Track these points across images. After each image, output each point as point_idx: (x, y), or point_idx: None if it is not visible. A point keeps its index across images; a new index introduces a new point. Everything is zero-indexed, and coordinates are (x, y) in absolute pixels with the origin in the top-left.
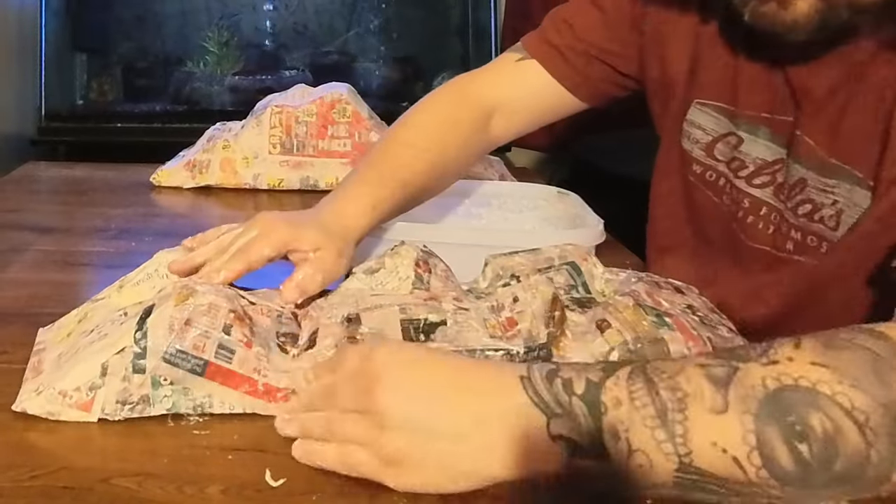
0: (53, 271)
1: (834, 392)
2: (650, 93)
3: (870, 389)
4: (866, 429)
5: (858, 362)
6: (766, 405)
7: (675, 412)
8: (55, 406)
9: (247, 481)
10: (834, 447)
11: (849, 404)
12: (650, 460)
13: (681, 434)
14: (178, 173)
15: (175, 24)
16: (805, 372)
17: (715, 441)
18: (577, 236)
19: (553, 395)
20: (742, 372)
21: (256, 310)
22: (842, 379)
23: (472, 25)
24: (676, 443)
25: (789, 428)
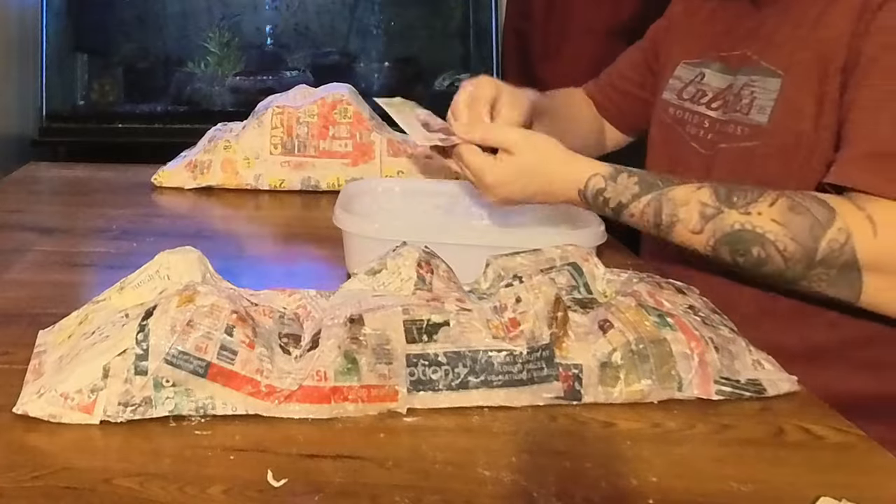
0: (55, 272)
1: (776, 239)
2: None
3: (801, 241)
4: (789, 261)
5: (803, 224)
6: (727, 236)
7: (665, 227)
8: (56, 408)
9: (248, 481)
10: (762, 263)
11: (783, 247)
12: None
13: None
14: (179, 174)
15: (176, 25)
16: (764, 224)
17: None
18: (579, 237)
19: (595, 203)
20: (724, 214)
21: (259, 311)
22: (786, 232)
23: (473, 26)
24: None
25: (735, 251)
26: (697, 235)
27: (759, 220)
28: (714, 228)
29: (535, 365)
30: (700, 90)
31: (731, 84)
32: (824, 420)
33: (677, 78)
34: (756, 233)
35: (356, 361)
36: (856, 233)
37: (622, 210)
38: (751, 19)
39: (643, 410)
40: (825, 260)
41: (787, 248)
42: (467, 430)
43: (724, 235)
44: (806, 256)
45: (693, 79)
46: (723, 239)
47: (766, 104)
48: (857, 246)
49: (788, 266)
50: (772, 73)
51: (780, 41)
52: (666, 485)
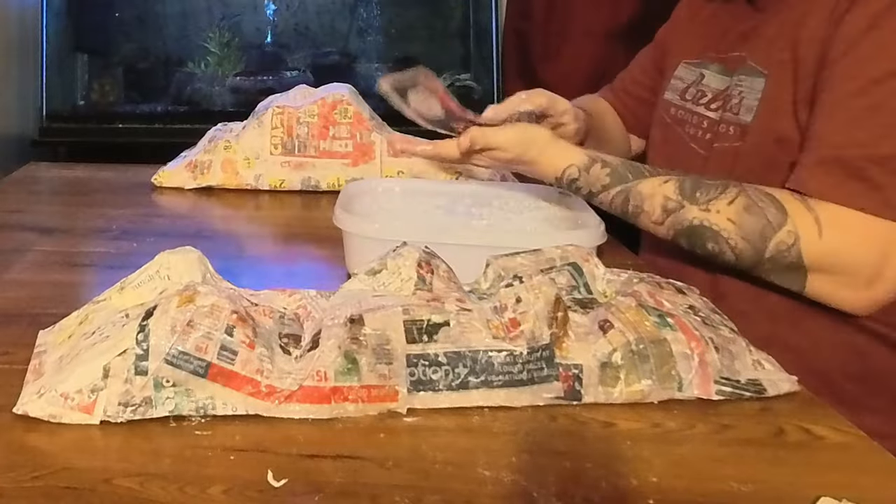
0: (55, 272)
1: (729, 237)
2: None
3: (751, 241)
4: (739, 258)
5: (755, 226)
6: (685, 230)
7: (631, 216)
8: (57, 408)
9: (249, 482)
10: (715, 256)
11: (734, 244)
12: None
13: (631, 220)
14: (179, 174)
15: (176, 25)
16: (720, 222)
17: (649, 229)
18: (579, 237)
19: (570, 189)
20: (685, 209)
21: (259, 311)
22: (738, 231)
23: (473, 27)
24: (628, 219)
25: (692, 243)
26: (658, 226)
27: (715, 217)
28: (674, 222)
29: (535, 365)
30: (700, 91)
31: (728, 85)
32: (824, 420)
33: (679, 78)
34: (711, 230)
35: (356, 361)
36: (803, 235)
37: (593, 198)
38: (748, 21)
39: (643, 410)
40: (773, 258)
41: (738, 246)
42: (467, 431)
43: (683, 229)
44: (755, 254)
45: (694, 80)
46: (681, 231)
47: (752, 104)
48: (804, 248)
49: (738, 261)
50: (758, 73)
51: (768, 42)
52: (666, 485)
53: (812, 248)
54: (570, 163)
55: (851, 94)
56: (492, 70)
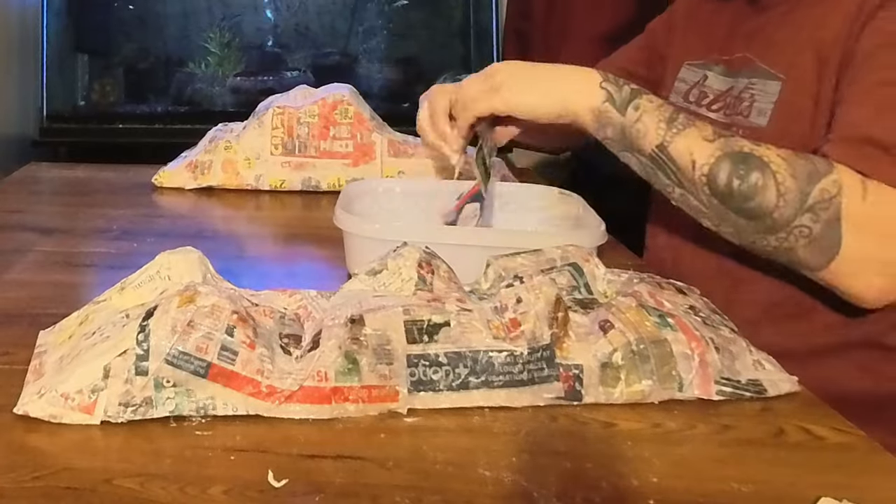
0: (55, 272)
1: (777, 170)
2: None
3: (799, 180)
4: (782, 197)
5: (805, 166)
6: (734, 154)
7: (679, 125)
8: (57, 409)
9: (249, 482)
10: (756, 192)
11: (781, 179)
12: (646, 131)
13: (674, 133)
14: (179, 174)
15: (177, 25)
16: (770, 154)
17: (690, 148)
18: (579, 237)
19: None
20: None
21: (259, 311)
22: (787, 167)
23: (473, 27)
24: (668, 134)
25: (736, 169)
26: (707, 143)
27: (766, 151)
28: (725, 143)
29: (535, 365)
30: (702, 92)
31: (732, 87)
32: (825, 420)
33: (682, 80)
34: (762, 160)
35: (357, 362)
36: (847, 189)
37: (640, 94)
38: (751, 21)
39: (644, 411)
40: (814, 207)
41: (785, 182)
42: (468, 431)
43: (732, 152)
44: (799, 197)
45: (697, 81)
46: (729, 154)
47: (766, 107)
48: (845, 202)
49: (779, 203)
50: (772, 76)
51: (781, 44)
52: (666, 485)
53: (855, 206)
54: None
55: (884, 83)
56: None
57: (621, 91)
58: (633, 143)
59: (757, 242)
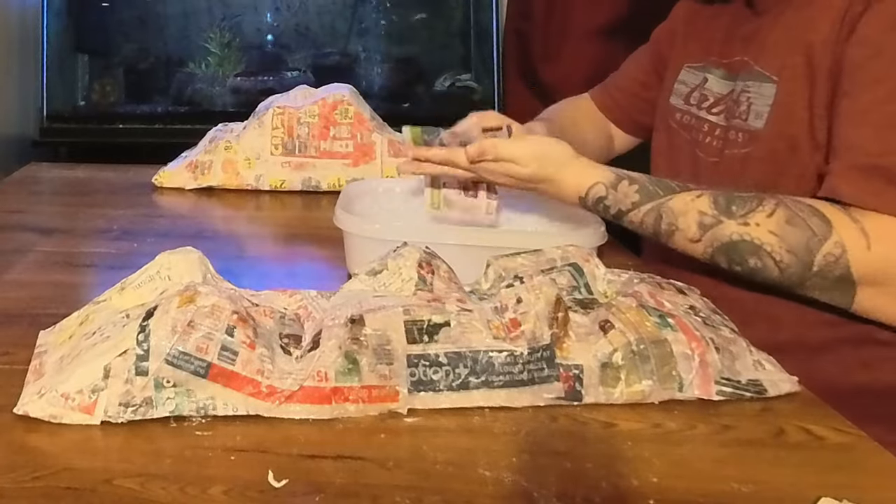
0: (55, 272)
1: (772, 251)
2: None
3: (797, 254)
4: (783, 272)
5: (801, 238)
6: (724, 246)
7: (664, 235)
8: (57, 409)
9: (249, 482)
10: (758, 273)
11: (779, 258)
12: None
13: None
14: (180, 174)
15: (177, 26)
16: (761, 235)
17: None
18: (579, 237)
19: (596, 209)
20: (722, 224)
21: (259, 311)
22: (782, 244)
23: (474, 27)
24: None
25: (732, 260)
26: (695, 244)
27: (756, 231)
28: (712, 238)
29: (535, 365)
30: (703, 95)
31: (732, 90)
32: (825, 421)
33: (682, 82)
34: (753, 244)
35: (357, 362)
36: (850, 247)
37: (622, 217)
38: (748, 24)
39: (644, 411)
40: (820, 272)
41: (784, 260)
42: (468, 431)
43: (722, 245)
44: (802, 268)
45: (698, 84)
46: (720, 248)
47: (763, 110)
48: (852, 259)
49: (784, 276)
50: (766, 79)
51: (773, 46)
52: (666, 485)
53: (861, 261)
54: (595, 181)
55: (880, 101)
56: (492, 71)
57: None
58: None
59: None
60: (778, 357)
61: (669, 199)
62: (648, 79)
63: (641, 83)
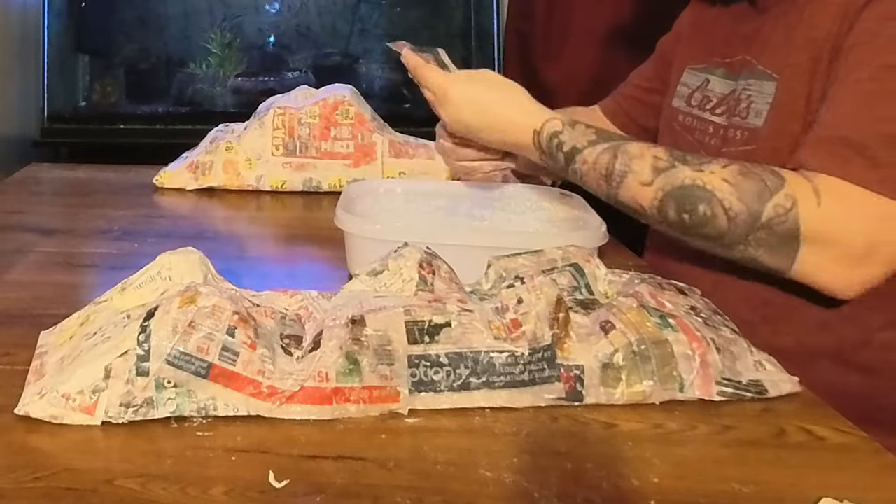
0: (56, 273)
1: (723, 197)
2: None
3: (749, 204)
4: (732, 221)
5: (752, 187)
6: (677, 189)
7: (618, 177)
8: (58, 409)
9: (250, 482)
10: (707, 221)
11: (728, 205)
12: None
13: (615, 187)
14: (180, 175)
15: (178, 26)
16: (714, 182)
17: (634, 197)
18: (580, 238)
19: (549, 146)
20: (677, 169)
21: (260, 311)
22: (733, 192)
23: (475, 28)
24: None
25: (682, 206)
26: (647, 188)
27: (710, 178)
28: (665, 182)
29: (536, 366)
30: (706, 96)
31: (734, 89)
32: (826, 421)
33: (684, 84)
34: (706, 189)
35: (358, 362)
36: (801, 200)
37: (575, 156)
38: (750, 23)
39: (645, 411)
40: (768, 224)
41: (733, 208)
42: (469, 431)
43: (674, 189)
44: (750, 218)
45: (699, 85)
46: (672, 193)
47: (762, 108)
48: (801, 213)
49: (731, 227)
50: (767, 77)
51: (776, 44)
52: (667, 486)
53: (810, 215)
54: (550, 116)
55: (861, 80)
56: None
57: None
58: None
59: (723, 254)
60: (775, 357)
61: (626, 143)
62: (652, 84)
63: (646, 89)
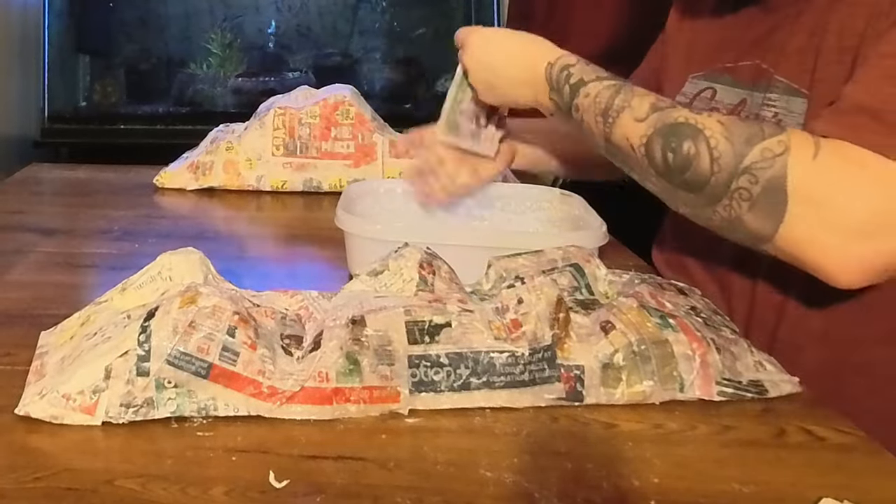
0: (56, 273)
1: (710, 135)
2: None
3: (735, 143)
4: (715, 162)
5: (744, 130)
6: (666, 126)
7: (614, 112)
8: (58, 409)
9: (250, 483)
10: (689, 162)
11: (714, 143)
12: (591, 130)
13: (609, 124)
14: (181, 175)
15: (178, 26)
16: (706, 121)
17: (625, 134)
18: (580, 238)
19: (558, 79)
20: (675, 109)
21: (261, 312)
22: (723, 132)
23: None
24: (605, 127)
25: (667, 143)
26: (639, 124)
27: (704, 119)
28: (658, 119)
29: (536, 366)
30: (715, 108)
31: (746, 100)
32: (826, 421)
33: (684, 94)
34: (696, 127)
35: (358, 363)
36: (794, 149)
37: (579, 88)
38: (758, 25)
39: (645, 411)
40: (751, 168)
41: (718, 146)
42: (469, 432)
43: (664, 126)
44: (734, 159)
45: (698, 93)
46: (660, 130)
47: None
48: (791, 162)
49: (714, 169)
50: (794, 92)
51: (796, 53)
52: (667, 486)
53: (802, 166)
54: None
55: (884, 55)
56: None
57: (562, 95)
58: (587, 139)
59: (706, 216)
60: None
61: (633, 86)
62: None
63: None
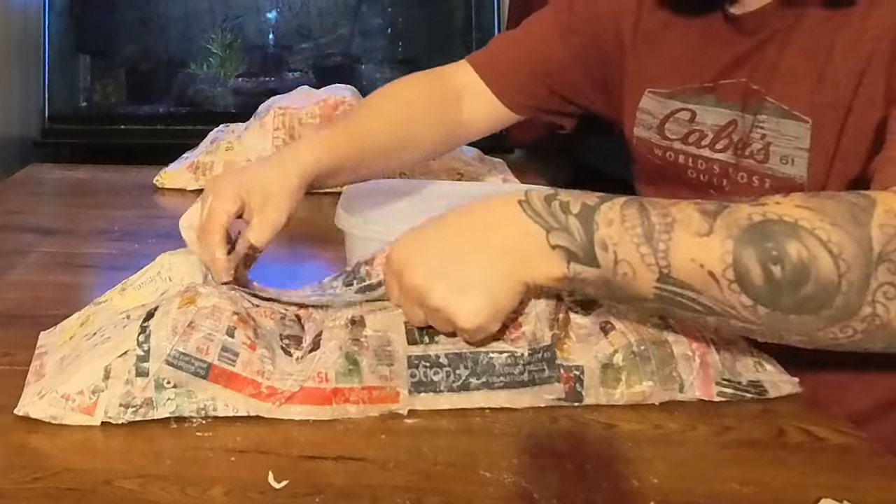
0: (56, 273)
1: (813, 227)
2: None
3: (846, 227)
4: (840, 259)
5: (839, 208)
6: (747, 232)
7: (662, 233)
8: (58, 410)
9: (250, 483)
10: (806, 271)
11: (826, 237)
12: (633, 270)
13: (663, 250)
14: (181, 175)
15: (179, 27)
16: (789, 211)
17: (694, 258)
18: None
19: (550, 213)
20: (732, 208)
21: (260, 312)
22: (822, 218)
23: (475, 27)
24: (658, 257)
25: (766, 252)
26: (706, 239)
27: (779, 208)
28: (727, 224)
29: (536, 366)
30: (696, 131)
31: (735, 121)
32: (826, 422)
33: (647, 112)
34: (786, 222)
35: (357, 363)
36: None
37: (592, 215)
38: (739, 44)
39: (644, 412)
40: (885, 253)
41: (832, 238)
42: (468, 432)
43: (744, 233)
44: (859, 247)
45: (670, 115)
46: (743, 238)
47: (792, 153)
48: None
49: (840, 267)
50: (785, 114)
51: (793, 77)
52: (667, 486)
53: None
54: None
55: None
56: None
57: (571, 233)
58: (626, 292)
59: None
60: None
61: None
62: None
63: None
